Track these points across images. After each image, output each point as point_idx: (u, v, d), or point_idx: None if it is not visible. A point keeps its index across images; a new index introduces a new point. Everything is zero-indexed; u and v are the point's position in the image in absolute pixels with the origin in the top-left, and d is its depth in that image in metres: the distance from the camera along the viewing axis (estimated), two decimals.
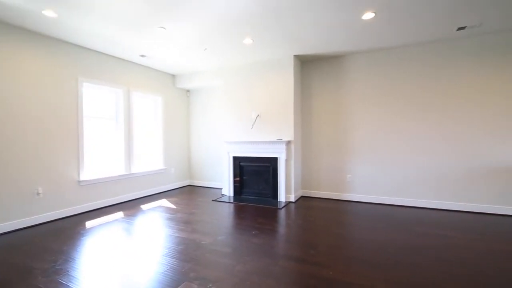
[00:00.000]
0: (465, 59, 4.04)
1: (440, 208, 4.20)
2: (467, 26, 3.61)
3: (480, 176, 3.99)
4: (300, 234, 3.25)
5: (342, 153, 4.86)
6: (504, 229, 3.29)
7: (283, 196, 4.79)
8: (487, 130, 3.94)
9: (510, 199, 3.85)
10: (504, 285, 2.09)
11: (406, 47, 4.37)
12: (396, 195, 4.48)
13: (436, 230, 3.30)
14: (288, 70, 4.75)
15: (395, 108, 4.47)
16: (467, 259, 2.53)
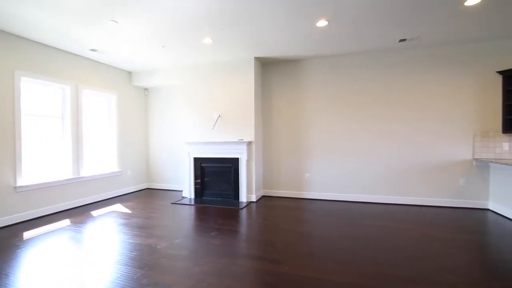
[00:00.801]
0: (407, 68, 4.50)
1: (387, 202, 4.60)
2: (407, 39, 4.03)
3: (418, 172, 4.47)
4: (259, 233, 3.31)
5: (301, 153, 5.07)
6: (438, 218, 3.73)
7: (245, 196, 4.83)
8: (426, 132, 4.44)
9: (443, 192, 4.38)
10: (439, 266, 2.37)
11: (357, 55, 4.73)
12: (349, 191, 4.81)
13: (382, 222, 3.61)
14: (249, 72, 4.81)
15: (347, 111, 4.80)
16: (408, 246, 2.82)
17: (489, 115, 4.18)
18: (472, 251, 2.70)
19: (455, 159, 4.32)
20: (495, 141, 4.16)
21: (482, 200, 4.23)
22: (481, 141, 4.21)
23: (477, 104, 4.22)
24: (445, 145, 4.35)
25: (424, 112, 4.44)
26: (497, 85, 4.14)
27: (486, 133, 4.19)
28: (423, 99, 4.44)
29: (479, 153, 4.21)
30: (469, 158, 4.26)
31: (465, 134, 4.27)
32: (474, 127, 4.24)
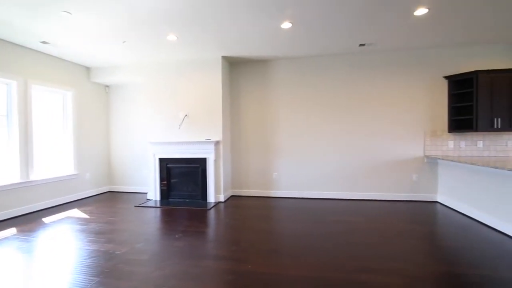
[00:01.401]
0: (367, 71, 4.77)
1: (349, 198, 4.84)
2: (366, 44, 4.27)
3: (377, 169, 4.76)
4: (225, 233, 3.29)
5: (269, 153, 5.13)
6: (393, 212, 4.00)
7: (213, 196, 4.77)
8: (383, 132, 4.74)
9: (398, 187, 4.71)
10: (390, 255, 2.54)
11: (322, 57, 4.90)
12: (315, 189, 4.97)
13: (344, 217, 3.79)
14: (216, 71, 4.77)
15: (312, 112, 4.96)
16: (364, 238, 2.98)
17: (437, 116, 4.58)
18: (421, 240, 2.94)
19: (409, 157, 4.67)
20: (442, 140, 4.57)
21: (432, 194, 4.62)
22: (430, 139, 4.61)
23: (427, 106, 4.61)
24: (400, 143, 4.69)
25: (381, 113, 4.74)
26: (444, 89, 4.55)
27: (434, 132, 4.59)
28: (381, 100, 4.74)
29: (429, 150, 4.61)
30: (421, 155, 4.64)
31: (417, 133, 4.64)
32: (424, 127, 4.62)
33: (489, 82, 4.14)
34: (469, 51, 4.46)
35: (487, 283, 2.08)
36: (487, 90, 4.14)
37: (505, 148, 4.41)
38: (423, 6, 3.09)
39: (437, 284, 2.09)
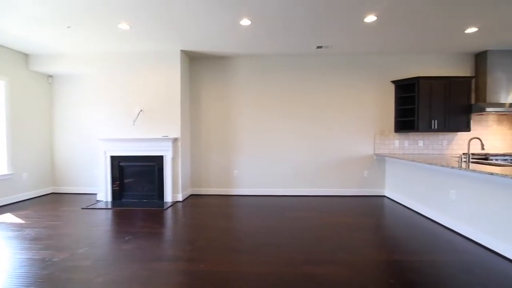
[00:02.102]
0: (324, 73, 4.98)
1: (306, 195, 5.01)
2: (323, 46, 4.46)
3: (332, 167, 5.01)
4: (180, 233, 3.17)
5: (230, 150, 5.09)
6: (346, 206, 4.24)
7: (170, 196, 4.58)
8: (338, 131, 5.00)
9: (351, 183, 5.01)
10: (339, 247, 2.67)
11: (282, 56, 4.99)
12: (275, 186, 5.06)
13: (301, 213, 3.91)
14: (175, 65, 4.58)
15: (272, 110, 5.04)
16: (318, 232, 3.11)
17: (385, 117, 4.97)
18: (367, 232, 3.16)
19: (361, 154, 5.00)
20: (389, 139, 4.98)
21: (380, 189, 5.01)
22: (380, 138, 4.98)
23: (377, 108, 4.97)
24: (353, 142, 4.99)
25: (337, 113, 5.00)
26: (391, 93, 4.95)
27: (383, 132, 4.97)
28: (337, 102, 4.99)
29: (378, 149, 4.98)
30: (371, 153, 4.99)
31: (368, 133, 4.98)
32: (375, 127, 4.98)
33: (428, 88, 4.60)
34: (414, 58, 4.90)
35: (424, 267, 2.30)
36: (427, 94, 4.59)
37: (441, 146, 4.95)
38: (372, 14, 3.31)
39: (379, 270, 2.25)
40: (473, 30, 3.81)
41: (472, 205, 2.90)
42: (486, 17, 3.38)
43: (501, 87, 4.63)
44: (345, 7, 3.13)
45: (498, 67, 4.63)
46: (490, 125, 4.92)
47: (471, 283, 2.06)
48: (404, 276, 2.17)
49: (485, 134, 4.90)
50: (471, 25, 3.66)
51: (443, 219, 3.36)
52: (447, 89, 4.61)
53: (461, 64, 4.90)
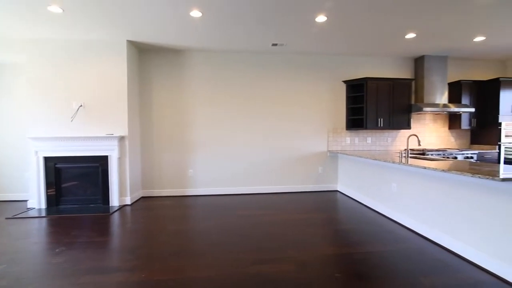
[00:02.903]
0: (280, 71, 5.01)
1: (263, 192, 5.02)
2: (278, 44, 4.46)
3: (288, 164, 5.09)
4: (123, 240, 2.90)
5: (184, 149, 4.86)
6: (301, 202, 4.33)
7: (117, 199, 4.20)
8: (293, 129, 5.08)
9: (306, 180, 5.14)
10: (296, 243, 2.68)
11: (239, 53, 4.90)
12: (231, 185, 4.97)
13: (255, 211, 3.88)
14: (120, 56, 4.19)
15: (228, 107, 4.92)
16: (271, 230, 3.09)
17: (338, 115, 5.19)
18: (317, 227, 3.23)
19: (316, 151, 5.15)
20: (341, 136, 5.21)
21: (333, 184, 5.22)
22: (332, 136, 5.18)
23: (330, 106, 5.16)
24: (308, 139, 5.12)
25: (293, 111, 5.07)
26: (343, 92, 5.18)
27: (335, 129, 5.19)
28: (293, 99, 5.07)
29: (331, 146, 5.18)
30: (325, 150, 5.18)
31: (322, 130, 5.15)
32: (328, 124, 5.16)
33: (375, 88, 4.91)
34: (363, 60, 5.19)
35: (368, 258, 2.40)
36: (374, 94, 4.89)
37: (386, 143, 5.33)
38: (323, 14, 3.38)
39: (326, 265, 2.29)
40: (412, 36, 4.14)
41: (410, 197, 3.14)
42: (422, 24, 3.68)
43: (436, 89, 5.13)
44: (296, 5, 3.14)
45: (434, 71, 5.13)
46: (427, 123, 5.44)
47: (411, 271, 2.20)
48: (350, 269, 2.24)
49: (423, 132, 5.40)
50: (410, 31, 3.97)
51: (387, 211, 3.60)
52: (391, 90, 4.96)
53: (404, 67, 5.33)
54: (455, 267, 2.26)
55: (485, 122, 5.21)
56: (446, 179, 2.59)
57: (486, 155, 4.99)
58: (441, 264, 2.31)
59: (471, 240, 2.34)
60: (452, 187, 2.53)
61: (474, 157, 4.91)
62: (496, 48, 4.79)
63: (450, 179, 2.55)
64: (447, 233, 2.61)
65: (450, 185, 2.56)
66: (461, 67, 5.49)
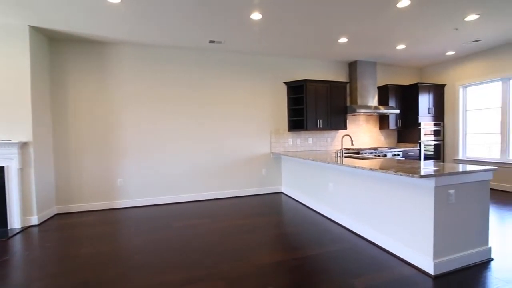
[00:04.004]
0: (221, 70, 4.77)
1: (203, 199, 4.70)
2: (215, 41, 4.22)
3: (231, 167, 4.87)
4: (16, 272, 2.29)
5: (112, 155, 4.25)
6: (245, 206, 4.14)
7: (18, 220, 3.42)
8: (235, 131, 4.88)
9: (250, 183, 5.00)
10: (234, 253, 2.44)
11: (175, 49, 4.50)
12: (168, 193, 4.53)
13: (193, 221, 3.55)
14: (21, 45, 3.44)
15: (165, 108, 4.49)
16: (209, 240, 2.81)
17: (280, 116, 5.17)
18: (258, 232, 3.07)
19: (259, 153, 5.04)
20: (284, 137, 5.21)
21: (277, 186, 5.18)
22: (275, 137, 5.14)
23: (272, 107, 5.11)
24: (251, 141, 4.98)
25: (235, 112, 4.88)
26: (284, 93, 5.19)
27: (278, 131, 5.16)
28: (234, 100, 4.87)
29: (274, 147, 5.14)
30: (268, 152, 5.11)
31: (265, 131, 5.07)
32: (270, 126, 5.11)
33: (314, 90, 5.02)
34: (303, 62, 5.28)
35: (304, 264, 2.30)
36: (313, 96, 5.00)
37: (326, 143, 5.52)
38: (257, 11, 3.25)
39: (260, 276, 2.11)
40: (344, 40, 4.32)
41: (345, 196, 3.20)
42: (352, 30, 3.84)
43: (368, 92, 5.51)
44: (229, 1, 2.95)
45: (365, 75, 5.49)
46: (361, 124, 5.81)
47: (344, 273, 2.16)
48: (285, 279, 2.10)
49: (358, 132, 5.75)
50: (342, 36, 4.13)
51: (326, 211, 3.63)
52: (329, 92, 5.15)
53: (340, 70, 5.60)
54: (387, 264, 2.30)
55: (408, 123, 5.79)
56: (374, 177, 2.67)
57: (410, 152, 5.54)
58: (373, 262, 2.34)
59: (399, 235, 2.43)
60: (379, 185, 2.61)
61: (400, 154, 5.39)
62: (415, 56, 5.35)
63: (377, 177, 2.63)
64: (378, 230, 2.68)
65: (377, 183, 2.64)
66: (388, 72, 6.02)
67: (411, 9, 3.29)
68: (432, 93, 5.72)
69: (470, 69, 5.32)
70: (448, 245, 2.14)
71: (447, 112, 5.82)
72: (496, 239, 2.76)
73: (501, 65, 4.81)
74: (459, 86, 5.55)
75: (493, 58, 4.92)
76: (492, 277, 2.06)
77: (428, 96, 5.67)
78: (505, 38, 4.42)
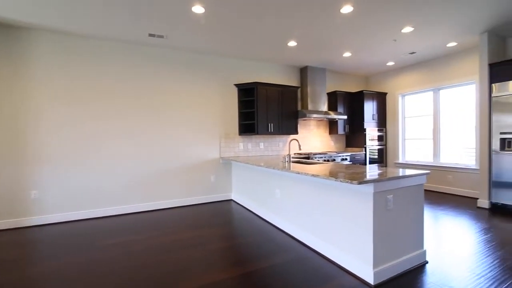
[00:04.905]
0: (164, 69, 4.35)
1: (142, 211, 4.21)
2: (156, 34, 3.82)
3: (176, 174, 4.46)
4: None
5: (24, 163, 3.53)
6: (192, 217, 3.76)
7: None
8: (181, 135, 4.49)
9: (198, 190, 4.63)
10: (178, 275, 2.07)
11: (110, 41, 3.98)
12: (99, 206, 3.93)
13: (127, 237, 3.08)
14: None
15: (97, 108, 3.92)
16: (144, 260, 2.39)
17: (230, 120, 4.93)
18: (202, 247, 2.75)
19: (207, 159, 4.72)
20: (234, 142, 4.97)
21: (227, 193, 4.90)
22: (225, 142, 4.88)
23: (222, 110, 4.85)
24: (199, 146, 4.64)
25: (182, 114, 4.49)
26: (235, 96, 4.97)
27: (228, 135, 4.91)
28: (181, 101, 4.49)
29: (224, 152, 4.86)
30: (217, 157, 4.81)
31: (214, 136, 4.78)
32: (220, 130, 4.83)
33: (265, 94, 4.90)
34: (254, 65, 5.13)
35: (250, 279, 2.05)
36: (264, 100, 4.88)
37: (278, 148, 5.43)
38: (199, 4, 2.98)
39: None
40: (293, 44, 4.28)
41: (291, 203, 3.06)
42: (300, 34, 3.80)
43: (319, 97, 5.59)
44: None
45: (316, 81, 5.57)
46: (312, 129, 5.87)
47: (290, 286, 1.96)
48: None
49: (308, 136, 5.79)
50: (291, 39, 4.07)
51: (274, 219, 3.46)
52: (280, 96, 5.08)
53: (292, 75, 5.59)
54: (330, 274, 2.17)
55: (355, 128, 6.03)
56: (318, 184, 2.57)
57: (357, 156, 5.74)
58: (316, 273, 2.20)
59: (342, 244, 2.33)
60: (323, 191, 2.51)
61: (348, 158, 5.55)
62: (360, 64, 5.60)
63: (321, 183, 2.53)
64: (322, 239, 2.57)
65: (321, 189, 2.54)
66: (337, 79, 6.23)
67: (354, 17, 3.34)
68: (376, 101, 6.06)
69: (407, 79, 5.76)
70: (388, 252, 2.09)
71: (389, 119, 6.21)
72: (430, 239, 2.86)
73: (433, 76, 5.27)
74: (398, 95, 5.97)
75: (426, 70, 5.38)
76: (427, 281, 2.06)
77: (372, 103, 5.98)
78: (436, 52, 4.85)
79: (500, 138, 3.86)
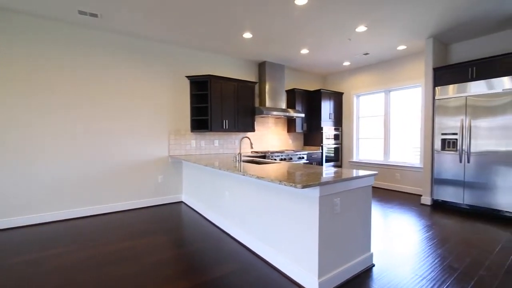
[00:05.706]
0: (105, 53, 3.79)
1: (76, 217, 3.63)
2: (87, 12, 3.27)
3: (118, 175, 3.94)
4: None
5: None
6: (137, 222, 3.31)
7: None
8: (123, 131, 3.98)
9: (144, 192, 4.17)
10: None
11: (36, 18, 3.30)
12: (24, 212, 3.27)
13: (54, 250, 2.56)
14: None
15: (21, 98, 3.24)
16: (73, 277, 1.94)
17: (181, 115, 4.52)
18: (135, 260, 2.37)
19: (155, 157, 4.26)
20: (186, 139, 4.58)
21: (177, 194, 4.51)
22: (175, 139, 4.46)
23: (172, 104, 4.42)
24: (144, 143, 4.16)
25: (124, 107, 3.97)
26: (187, 89, 4.57)
27: (178, 131, 4.50)
28: (123, 93, 3.97)
29: (174, 150, 4.45)
30: (166, 155, 4.38)
31: (163, 132, 4.34)
32: (169, 126, 4.40)
33: (219, 88, 4.58)
34: (208, 56, 4.77)
35: None
36: (218, 95, 4.56)
37: (234, 145, 5.17)
38: None
39: None
40: (249, 36, 4.03)
41: (239, 206, 2.82)
42: (255, 25, 3.56)
43: (277, 94, 5.44)
44: None
45: (275, 77, 5.41)
46: (270, 126, 5.72)
47: None
48: None
49: (266, 134, 5.63)
50: (246, 30, 3.82)
51: (222, 223, 3.19)
52: (236, 91, 4.81)
53: (249, 70, 5.35)
54: (275, 285, 1.97)
55: (313, 127, 6.02)
56: (266, 186, 2.36)
57: (314, 155, 5.74)
58: (262, 285, 1.98)
59: (288, 252, 2.15)
60: (270, 194, 2.31)
61: (305, 157, 5.51)
62: (318, 63, 5.58)
63: (268, 186, 2.33)
64: (270, 245, 2.37)
65: (268, 192, 2.33)
66: (295, 77, 6.15)
67: (309, 10, 3.20)
68: (333, 100, 6.12)
69: (362, 80, 5.90)
70: (334, 259, 1.96)
71: (345, 118, 6.33)
72: (377, 239, 2.85)
73: (384, 78, 5.46)
74: (353, 95, 6.10)
75: (379, 72, 5.55)
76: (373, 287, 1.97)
77: (329, 102, 6.03)
78: (387, 54, 4.99)
79: (441, 139, 4.07)
